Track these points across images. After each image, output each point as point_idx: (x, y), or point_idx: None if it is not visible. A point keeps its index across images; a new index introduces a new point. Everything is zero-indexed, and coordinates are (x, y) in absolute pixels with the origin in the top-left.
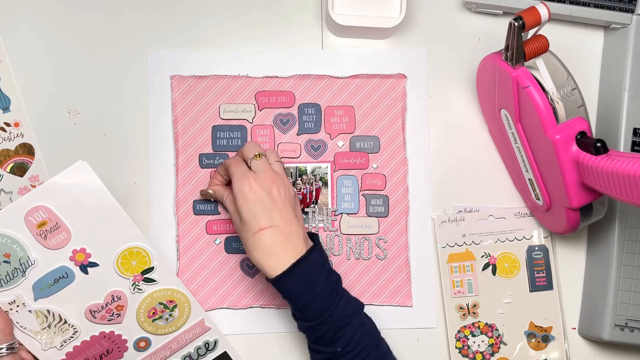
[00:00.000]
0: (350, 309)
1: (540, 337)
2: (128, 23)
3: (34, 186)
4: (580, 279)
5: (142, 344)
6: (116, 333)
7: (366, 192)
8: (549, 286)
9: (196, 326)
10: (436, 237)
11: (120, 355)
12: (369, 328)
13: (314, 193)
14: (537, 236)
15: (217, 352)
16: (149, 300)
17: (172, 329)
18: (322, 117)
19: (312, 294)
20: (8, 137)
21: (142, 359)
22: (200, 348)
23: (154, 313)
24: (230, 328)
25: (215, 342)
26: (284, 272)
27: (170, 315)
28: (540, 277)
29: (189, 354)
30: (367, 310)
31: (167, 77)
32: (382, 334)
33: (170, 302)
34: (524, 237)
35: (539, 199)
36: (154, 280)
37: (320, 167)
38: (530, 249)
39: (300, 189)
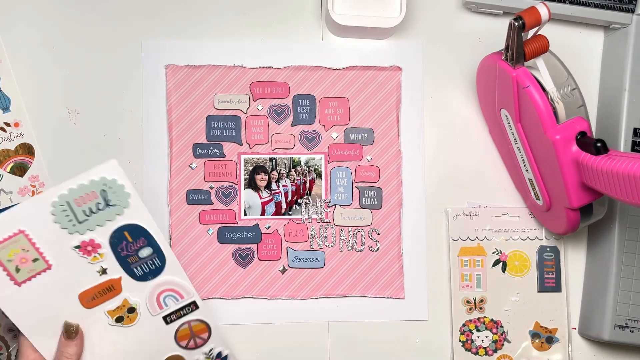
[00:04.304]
0: None
1: (544, 338)
2: (123, 15)
3: (33, 186)
4: (580, 279)
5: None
6: None
7: (360, 183)
8: (557, 288)
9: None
10: (449, 229)
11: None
12: None
13: (307, 184)
14: (550, 237)
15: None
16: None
17: None
18: (317, 109)
19: None
20: (8, 137)
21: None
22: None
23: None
24: (223, 318)
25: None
26: None
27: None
28: (550, 279)
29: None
30: (359, 302)
31: (162, 66)
32: (374, 327)
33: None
34: (536, 237)
35: (539, 199)
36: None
37: (314, 159)
38: (542, 250)
39: (294, 180)
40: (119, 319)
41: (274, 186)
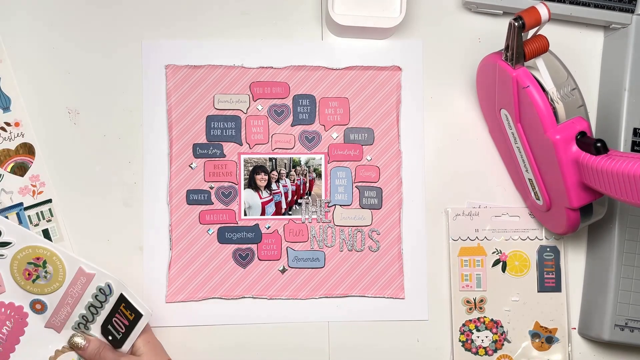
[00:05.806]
0: None
1: (544, 337)
2: (124, 15)
3: (34, 186)
4: (580, 279)
5: (38, 306)
6: (7, 302)
7: (360, 183)
8: (557, 288)
9: (79, 276)
10: (449, 229)
11: (25, 324)
12: None
13: (307, 184)
14: (550, 237)
15: (116, 296)
16: (17, 263)
17: (57, 286)
18: (317, 109)
19: None
20: (8, 136)
21: (48, 321)
22: (98, 295)
23: (29, 274)
24: (222, 318)
25: (109, 285)
26: None
27: (46, 272)
28: (550, 279)
29: (91, 304)
30: (359, 302)
31: (162, 66)
32: (374, 327)
33: (38, 259)
34: (536, 237)
35: (539, 199)
36: (9, 243)
37: (314, 159)
38: (542, 250)
39: (294, 180)
40: None
41: (274, 186)
